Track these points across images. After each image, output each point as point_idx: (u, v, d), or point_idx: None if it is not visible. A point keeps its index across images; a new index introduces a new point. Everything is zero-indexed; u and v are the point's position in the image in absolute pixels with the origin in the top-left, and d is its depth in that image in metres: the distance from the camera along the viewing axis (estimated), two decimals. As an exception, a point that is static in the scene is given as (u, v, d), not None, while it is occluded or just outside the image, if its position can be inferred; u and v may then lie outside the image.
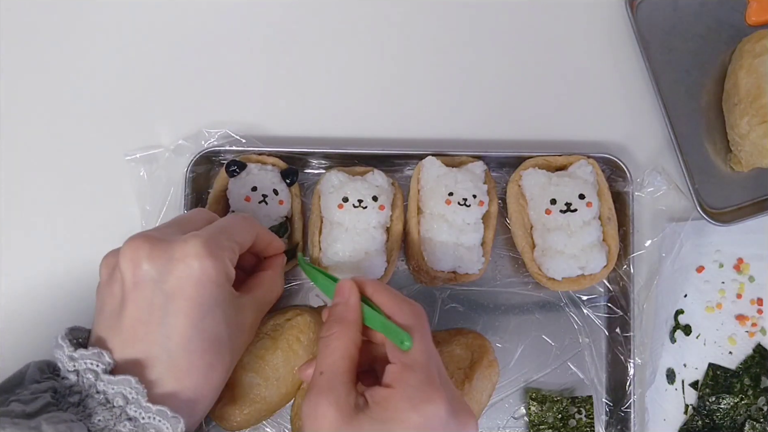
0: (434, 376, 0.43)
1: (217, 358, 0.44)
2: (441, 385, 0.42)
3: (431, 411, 0.41)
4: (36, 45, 0.67)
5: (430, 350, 0.45)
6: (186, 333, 0.42)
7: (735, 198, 0.66)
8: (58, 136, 0.66)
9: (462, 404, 0.44)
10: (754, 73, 0.62)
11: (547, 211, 0.59)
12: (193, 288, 0.43)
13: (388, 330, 0.44)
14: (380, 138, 0.67)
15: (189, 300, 0.43)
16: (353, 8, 0.68)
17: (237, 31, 0.68)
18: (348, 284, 0.47)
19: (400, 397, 0.41)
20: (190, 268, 0.43)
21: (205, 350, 0.43)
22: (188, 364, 0.43)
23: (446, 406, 0.41)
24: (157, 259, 0.43)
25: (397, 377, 0.42)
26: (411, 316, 0.45)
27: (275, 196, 0.60)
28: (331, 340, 0.45)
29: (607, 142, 0.67)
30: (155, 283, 0.43)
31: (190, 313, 0.43)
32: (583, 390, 0.63)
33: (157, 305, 0.42)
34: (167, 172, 0.63)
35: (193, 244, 0.43)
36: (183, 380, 0.43)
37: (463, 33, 0.69)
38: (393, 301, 0.46)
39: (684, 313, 0.65)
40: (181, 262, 0.43)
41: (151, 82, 0.67)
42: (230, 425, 0.58)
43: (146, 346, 0.42)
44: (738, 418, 0.63)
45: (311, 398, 0.42)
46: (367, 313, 0.46)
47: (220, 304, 0.44)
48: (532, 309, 0.64)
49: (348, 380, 0.43)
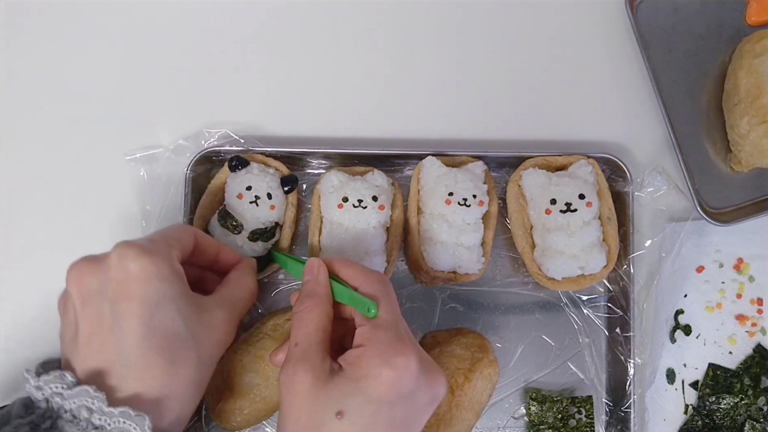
0: (403, 333, 0.45)
1: (179, 353, 0.44)
2: (410, 343, 0.44)
3: (402, 363, 0.42)
4: (36, 45, 0.67)
5: (397, 313, 0.47)
6: (138, 332, 0.42)
7: (735, 198, 0.66)
8: (58, 136, 0.66)
9: (431, 361, 0.46)
10: (754, 73, 0.62)
11: (547, 211, 0.59)
12: (136, 287, 0.43)
13: (356, 301, 0.46)
14: (380, 138, 0.67)
15: (134, 300, 0.43)
16: (353, 8, 0.68)
17: (237, 31, 0.68)
18: (316, 262, 0.49)
19: (372, 353, 0.43)
20: (127, 269, 0.43)
21: (163, 346, 0.43)
22: (146, 362, 0.43)
23: (417, 359, 0.43)
24: (95, 273, 0.44)
25: (368, 336, 0.44)
26: (376, 284, 0.47)
27: (268, 200, 0.59)
28: (304, 313, 0.46)
29: (607, 142, 0.67)
30: (99, 295, 0.43)
31: (137, 311, 0.43)
32: (583, 390, 0.63)
33: (106, 315, 0.43)
34: (167, 172, 0.63)
35: (123, 249, 0.44)
36: (144, 379, 0.43)
37: (463, 33, 0.69)
38: (358, 273, 0.48)
39: (684, 313, 0.65)
40: (116, 267, 0.43)
41: (151, 82, 0.67)
42: (230, 425, 0.58)
43: (103, 355, 0.43)
44: (738, 418, 0.63)
45: (287, 368, 0.44)
46: (336, 288, 0.48)
47: (170, 298, 0.44)
48: (532, 309, 0.64)
49: (322, 349, 0.45)
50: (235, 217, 0.59)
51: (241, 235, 0.59)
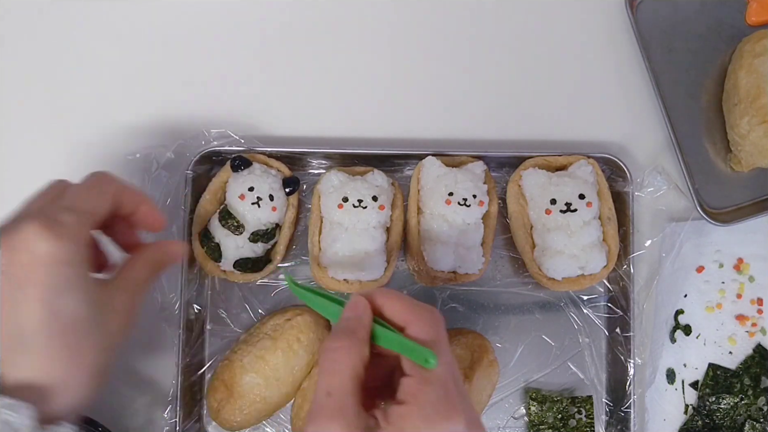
0: (453, 391, 0.40)
1: (81, 339, 0.42)
2: (459, 402, 0.40)
3: (449, 429, 0.38)
4: (35, 45, 0.67)
5: (450, 362, 0.41)
6: (41, 318, 0.41)
7: (735, 198, 0.66)
8: (58, 136, 0.66)
9: (478, 422, 0.41)
10: (754, 73, 0.62)
11: (547, 211, 0.59)
12: (42, 272, 0.41)
13: (408, 349, 0.40)
14: (380, 138, 0.67)
15: (39, 285, 0.41)
16: (353, 8, 0.68)
17: (237, 30, 0.68)
18: (362, 302, 0.43)
19: (417, 414, 0.38)
20: (33, 253, 0.41)
21: (65, 332, 0.41)
22: (46, 347, 0.41)
23: (465, 424, 0.39)
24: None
25: (414, 393, 0.39)
26: (429, 325, 0.42)
27: (270, 202, 0.59)
28: (339, 354, 0.40)
29: (607, 142, 0.67)
30: (3, 277, 0.41)
31: (42, 297, 0.41)
32: (583, 390, 0.63)
33: (7, 299, 0.41)
34: (167, 172, 0.63)
35: (32, 229, 0.41)
36: (41, 366, 0.41)
37: (463, 33, 0.69)
38: (407, 310, 0.42)
39: (684, 313, 0.65)
40: (23, 250, 0.41)
41: (151, 82, 0.67)
42: (230, 425, 0.58)
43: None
44: (738, 418, 0.63)
45: (319, 422, 0.38)
46: (381, 333, 0.41)
47: (75, 284, 0.42)
48: (532, 309, 0.64)
49: (358, 401, 0.39)
50: (236, 218, 0.59)
51: (242, 236, 0.59)
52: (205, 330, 0.63)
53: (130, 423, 0.61)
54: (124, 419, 0.61)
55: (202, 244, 0.60)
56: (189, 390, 0.60)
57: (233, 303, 0.63)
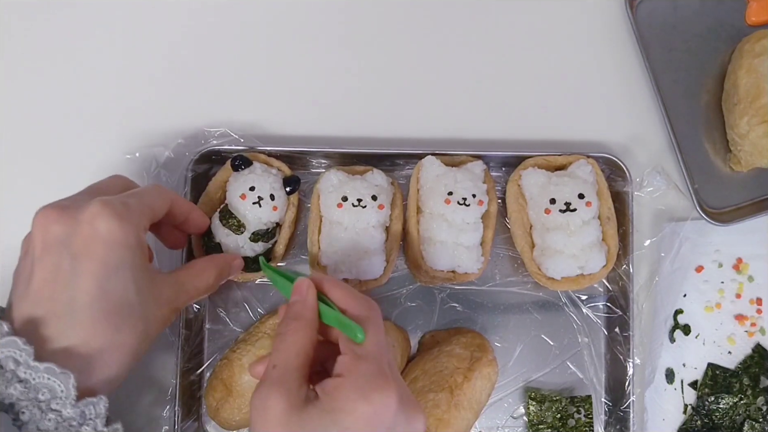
0: (385, 367, 0.43)
1: (125, 321, 0.44)
2: (393, 379, 0.42)
3: (381, 400, 0.41)
4: (35, 44, 0.67)
5: (382, 342, 0.45)
6: (91, 292, 0.42)
7: (734, 198, 0.66)
8: (57, 136, 0.66)
9: (412, 399, 0.44)
10: (754, 73, 0.62)
11: (546, 210, 0.59)
12: (101, 249, 0.43)
13: (343, 324, 0.45)
14: (380, 137, 0.67)
15: (96, 261, 0.43)
16: (353, 7, 0.68)
17: (237, 30, 0.68)
18: (306, 283, 0.47)
19: (350, 386, 0.41)
20: (96, 229, 0.43)
21: (111, 311, 0.43)
22: (92, 322, 0.43)
23: (397, 396, 0.41)
24: (64, 224, 0.43)
25: (348, 367, 0.42)
26: (364, 309, 0.45)
27: (271, 201, 0.59)
28: (288, 335, 0.44)
29: (606, 142, 0.67)
30: (63, 246, 0.43)
31: (96, 273, 0.43)
32: (582, 389, 0.63)
33: (65, 267, 0.43)
34: (167, 172, 0.63)
35: (98, 207, 0.44)
36: (83, 337, 0.42)
37: (462, 32, 0.69)
38: (347, 296, 0.46)
39: (683, 313, 0.65)
40: (87, 224, 0.43)
41: (151, 82, 0.67)
42: (229, 424, 0.58)
43: (50, 304, 0.42)
44: (737, 418, 0.63)
45: (262, 390, 0.42)
46: (323, 310, 0.46)
47: (129, 266, 0.44)
48: (532, 308, 0.65)
49: (301, 375, 0.43)
50: (237, 217, 0.59)
51: (243, 236, 0.59)
52: (204, 329, 0.63)
53: (129, 422, 0.61)
54: (124, 418, 0.61)
55: (202, 243, 0.60)
56: (188, 389, 0.60)
57: (232, 302, 0.64)
